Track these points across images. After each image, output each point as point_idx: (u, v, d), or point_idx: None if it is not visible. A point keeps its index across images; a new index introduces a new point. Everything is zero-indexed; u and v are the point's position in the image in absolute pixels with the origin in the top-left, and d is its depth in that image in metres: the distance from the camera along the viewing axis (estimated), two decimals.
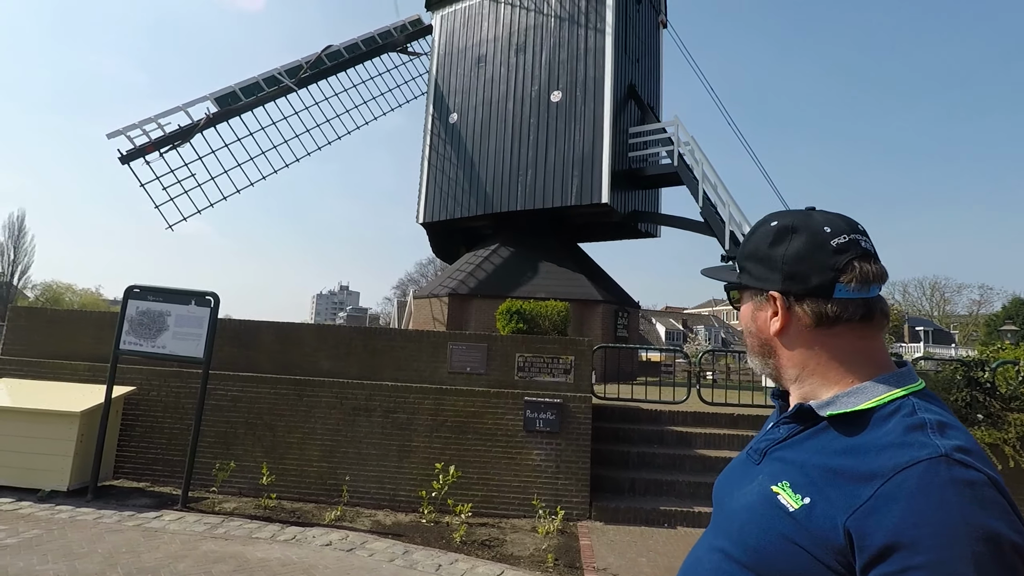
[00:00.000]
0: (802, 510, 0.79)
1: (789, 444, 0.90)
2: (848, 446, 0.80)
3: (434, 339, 6.82)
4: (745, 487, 0.92)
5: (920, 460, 0.73)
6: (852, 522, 0.73)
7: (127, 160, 13.73)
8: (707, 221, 14.77)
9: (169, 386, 6.73)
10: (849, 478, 0.76)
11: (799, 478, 0.82)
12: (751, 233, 0.99)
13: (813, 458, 0.83)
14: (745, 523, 0.86)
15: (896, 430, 0.78)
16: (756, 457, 0.95)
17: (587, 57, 15.38)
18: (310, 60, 17.18)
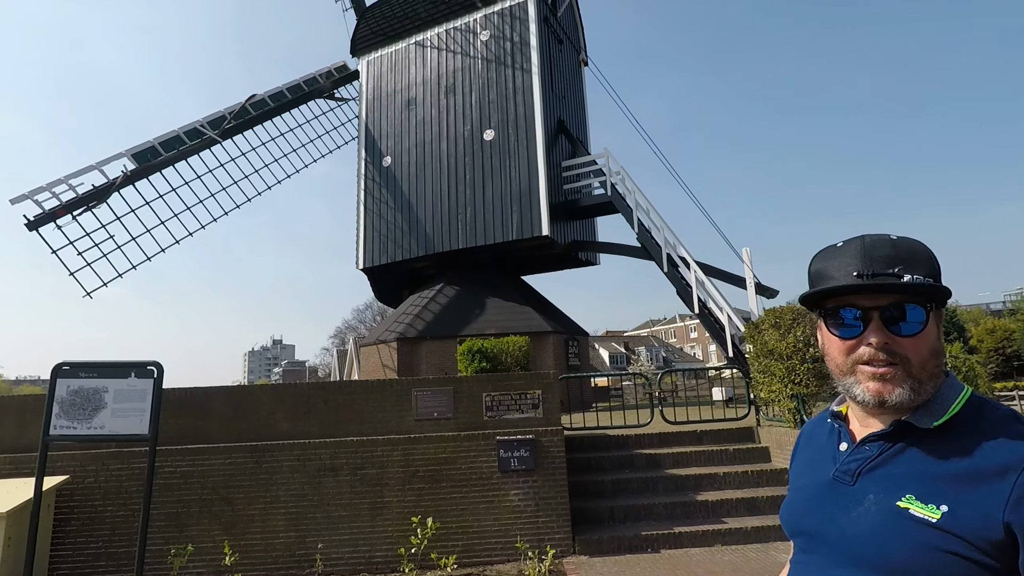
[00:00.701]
0: (944, 518, 0.81)
1: (887, 460, 0.92)
2: (958, 448, 0.85)
3: (397, 387, 6.61)
4: (853, 510, 0.91)
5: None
6: (1008, 515, 0.78)
7: (35, 226, 12.77)
8: (644, 246, 15.29)
9: (108, 470, 6.15)
10: (980, 478, 0.81)
11: (922, 489, 0.85)
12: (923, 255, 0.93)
13: (928, 468, 0.86)
14: (883, 545, 0.85)
15: (996, 426, 0.85)
16: (848, 479, 0.95)
17: (516, 96, 15.81)
18: (234, 110, 16.77)
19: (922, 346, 0.90)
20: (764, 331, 7.10)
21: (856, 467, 0.95)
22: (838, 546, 0.91)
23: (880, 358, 0.91)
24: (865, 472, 0.93)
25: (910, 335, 0.90)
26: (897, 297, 0.91)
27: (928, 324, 0.91)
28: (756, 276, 14.47)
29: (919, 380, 0.90)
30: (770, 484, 6.99)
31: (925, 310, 0.91)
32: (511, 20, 16.32)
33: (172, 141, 15.46)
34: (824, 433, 1.08)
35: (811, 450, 1.10)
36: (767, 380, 7.12)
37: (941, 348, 0.94)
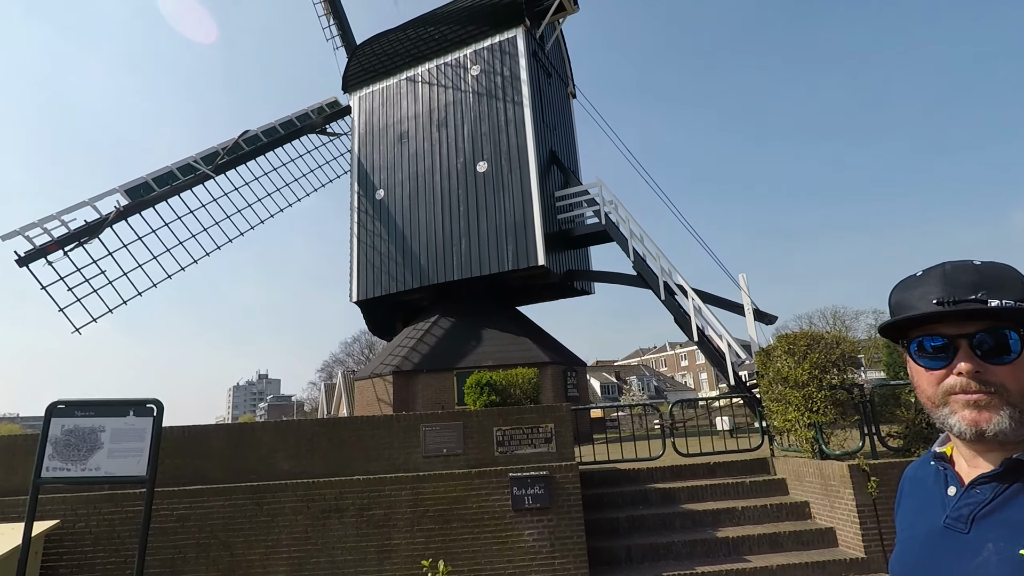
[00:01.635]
0: None
1: (1004, 503, 0.85)
2: None
3: (405, 423, 6.41)
4: (971, 561, 0.83)
5: None
6: None
7: (26, 262, 12.51)
8: (641, 274, 15.30)
9: (100, 514, 5.84)
10: None
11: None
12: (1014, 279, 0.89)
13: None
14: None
15: None
16: (962, 526, 0.87)
17: (508, 128, 15.97)
18: (227, 146, 16.76)
19: (1020, 373, 0.85)
20: (777, 358, 7.02)
21: (969, 512, 0.87)
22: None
23: (972, 387, 0.86)
24: (980, 518, 0.86)
25: (1004, 363, 0.85)
26: (986, 323, 0.86)
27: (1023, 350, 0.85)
28: (754, 302, 14.49)
29: (1021, 409, 0.84)
30: (791, 518, 6.81)
31: (1019, 335, 0.85)
32: (501, 55, 16.60)
33: (165, 176, 15.36)
34: (929, 476, 1.00)
35: (918, 496, 1.01)
36: (781, 408, 7.01)
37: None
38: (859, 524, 6.08)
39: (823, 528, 6.51)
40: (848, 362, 6.50)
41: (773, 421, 7.28)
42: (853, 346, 6.64)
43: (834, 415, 6.54)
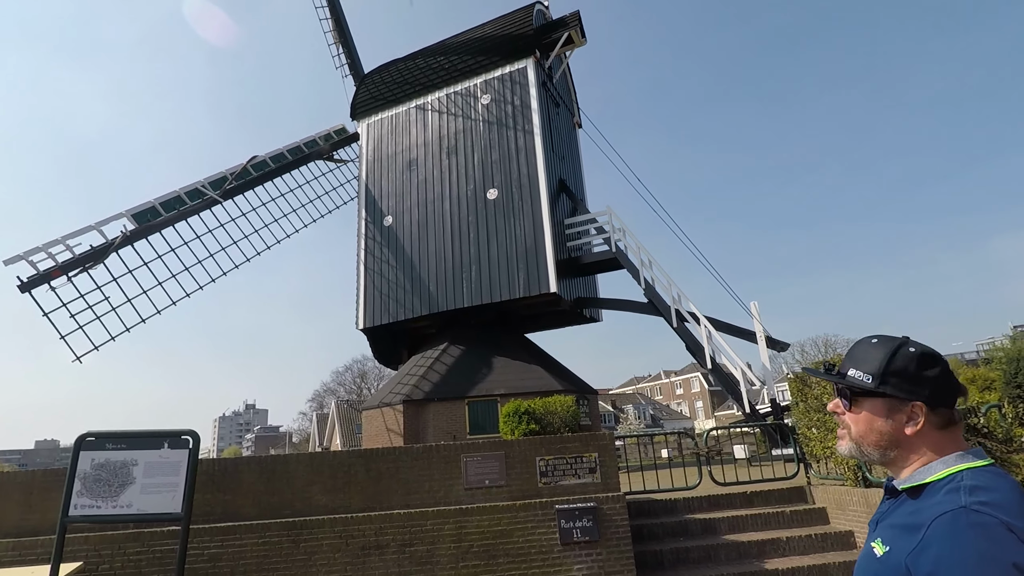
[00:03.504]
0: (884, 555, 1.09)
1: (888, 514, 1.19)
2: (915, 508, 1.10)
3: (445, 453, 6.18)
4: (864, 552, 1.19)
5: (947, 511, 1.01)
6: (909, 560, 1.02)
7: (29, 287, 12.22)
8: (652, 302, 15.25)
9: (126, 554, 5.53)
10: (910, 530, 1.06)
11: (884, 534, 1.13)
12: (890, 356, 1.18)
13: (895, 520, 1.14)
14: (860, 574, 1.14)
15: (940, 495, 1.07)
16: (873, 526, 1.22)
17: (519, 156, 16.04)
18: (235, 171, 16.67)
19: (856, 421, 1.21)
20: (815, 384, 6.90)
21: (878, 517, 1.23)
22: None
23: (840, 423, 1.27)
24: (879, 523, 1.20)
25: (847, 411, 1.24)
26: (842, 385, 1.24)
27: (861, 407, 1.20)
28: (766, 329, 14.45)
29: (859, 444, 1.21)
30: (836, 548, 6.62)
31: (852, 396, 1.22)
32: (511, 84, 16.77)
33: (173, 201, 15.20)
34: None
35: None
36: (821, 435, 6.87)
37: (884, 429, 1.17)
38: None
39: None
40: None
41: (812, 448, 7.13)
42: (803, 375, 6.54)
43: None
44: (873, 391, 1.17)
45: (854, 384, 1.19)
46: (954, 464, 1.11)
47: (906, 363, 1.16)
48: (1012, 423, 6.38)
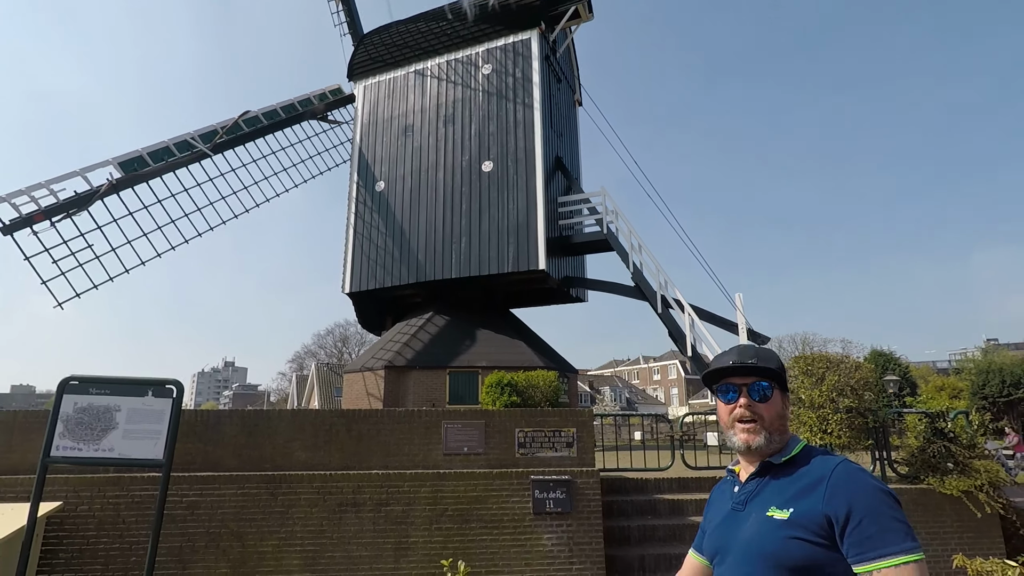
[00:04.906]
0: (791, 516, 1.24)
1: (760, 489, 1.36)
2: (797, 474, 1.32)
3: (426, 419, 6.30)
4: (742, 527, 1.34)
5: (839, 463, 1.29)
6: (826, 508, 1.21)
7: (10, 230, 11.98)
8: (639, 286, 15.39)
9: (105, 497, 5.60)
10: (809, 489, 1.26)
11: (779, 501, 1.29)
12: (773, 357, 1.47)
13: (782, 488, 1.32)
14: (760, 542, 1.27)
15: (818, 457, 1.34)
16: (740, 507, 1.39)
17: (517, 130, 15.92)
18: (226, 125, 16.35)
19: (772, 410, 1.39)
20: (793, 378, 7.09)
21: (744, 498, 1.39)
22: (738, 552, 1.31)
23: (746, 416, 1.39)
24: (750, 500, 1.37)
25: (764, 402, 1.39)
26: (754, 379, 1.40)
27: (774, 396, 1.40)
28: (748, 322, 14.70)
29: (770, 432, 1.38)
30: None
31: (772, 387, 1.40)
32: (514, 56, 16.55)
33: (161, 152, 14.89)
34: (726, 485, 1.54)
35: (715, 504, 1.53)
36: (792, 428, 7.08)
37: (784, 413, 1.42)
38: None
39: None
40: (865, 387, 6.61)
41: None
42: (871, 372, 6.75)
43: (848, 438, 6.64)
44: (782, 383, 1.43)
45: (781, 378, 1.42)
46: (797, 442, 1.41)
47: (779, 362, 1.46)
48: (977, 430, 6.63)
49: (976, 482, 6.10)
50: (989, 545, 6.19)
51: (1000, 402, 17.40)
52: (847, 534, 1.17)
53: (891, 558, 1.12)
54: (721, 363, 1.48)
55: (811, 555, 1.19)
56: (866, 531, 1.15)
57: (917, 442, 6.49)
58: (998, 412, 16.19)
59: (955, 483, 6.15)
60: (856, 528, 1.16)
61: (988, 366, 19.78)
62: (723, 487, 1.55)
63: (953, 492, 6.13)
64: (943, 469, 6.34)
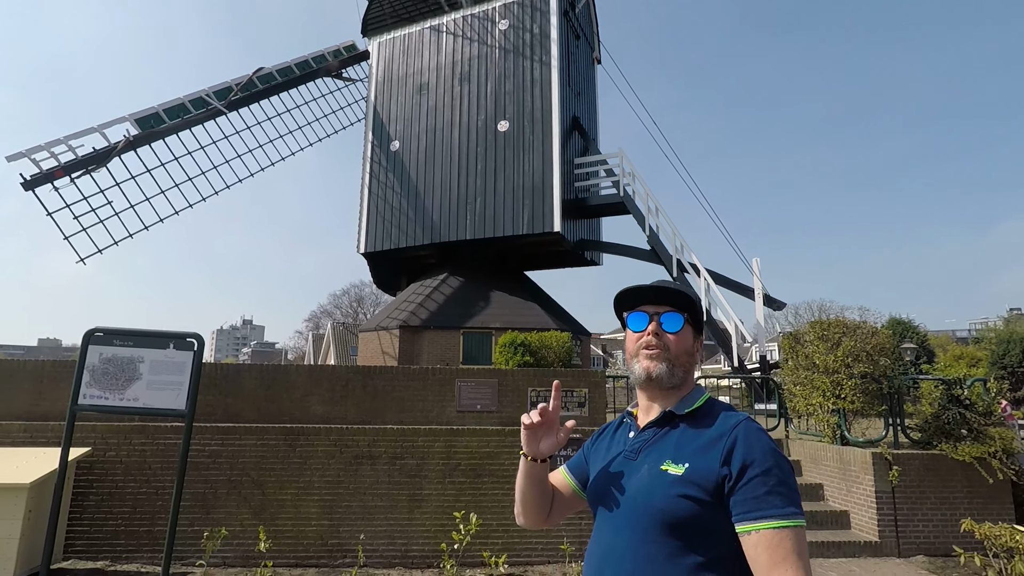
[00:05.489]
0: (686, 472, 1.20)
1: (658, 440, 1.30)
2: (699, 427, 1.27)
3: (440, 376, 6.39)
4: (633, 478, 1.27)
5: (741, 420, 1.25)
6: (721, 466, 1.18)
7: (32, 186, 12.14)
8: (654, 249, 15.26)
9: (131, 444, 5.80)
10: (710, 444, 1.22)
11: (675, 455, 1.24)
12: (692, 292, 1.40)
13: (680, 442, 1.26)
14: (651, 495, 1.21)
15: (721, 413, 1.29)
16: (633, 456, 1.32)
17: (534, 88, 15.59)
18: (241, 82, 16.21)
19: (679, 342, 1.34)
20: (807, 343, 7.06)
21: (639, 447, 1.32)
22: (625, 504, 1.25)
23: (652, 344, 1.33)
24: (644, 450, 1.31)
25: (673, 333, 1.34)
26: (667, 309, 1.35)
27: (683, 329, 1.34)
28: (765, 287, 14.56)
29: (673, 364, 1.32)
30: (805, 499, 6.95)
31: (685, 320, 1.35)
32: (531, 11, 16.08)
33: (176, 109, 14.86)
34: (614, 428, 1.48)
35: (605, 441, 1.47)
36: (805, 392, 7.09)
37: (693, 351, 1.37)
38: (876, 510, 6.23)
39: (837, 511, 6.67)
40: (881, 353, 6.55)
41: (796, 404, 7.37)
42: (888, 338, 6.69)
43: (861, 404, 6.63)
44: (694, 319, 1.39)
45: (695, 309, 1.38)
46: (702, 393, 1.36)
47: (693, 298, 1.40)
48: (994, 398, 6.57)
49: (990, 449, 6.09)
50: (999, 511, 6.21)
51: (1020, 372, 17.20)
52: (736, 491, 1.14)
53: (772, 520, 1.10)
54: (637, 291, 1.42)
55: (698, 514, 1.16)
56: (755, 491, 1.13)
57: (932, 409, 6.46)
58: (1016, 382, 16.01)
59: (968, 449, 6.14)
60: (745, 487, 1.14)
61: (1010, 336, 19.48)
62: (609, 428, 1.50)
63: (965, 458, 6.13)
64: (957, 435, 6.32)
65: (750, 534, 1.12)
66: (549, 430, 1.42)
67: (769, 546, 1.09)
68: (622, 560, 1.20)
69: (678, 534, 1.16)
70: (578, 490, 1.51)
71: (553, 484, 1.54)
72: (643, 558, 1.18)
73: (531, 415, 1.39)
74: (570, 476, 1.53)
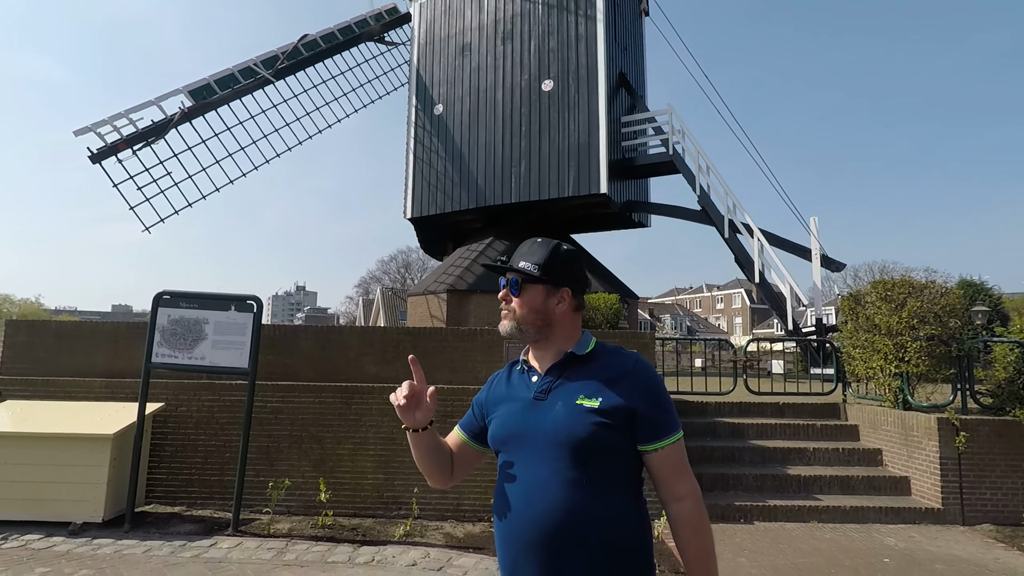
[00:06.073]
0: (600, 404, 1.35)
1: (565, 379, 1.43)
2: (601, 366, 1.43)
3: (488, 337, 6.47)
4: (548, 416, 1.38)
5: (637, 359, 1.45)
6: (628, 400, 1.35)
7: (98, 159, 12.72)
8: (705, 210, 14.81)
9: (200, 400, 6.15)
10: (614, 380, 1.38)
11: (587, 391, 1.38)
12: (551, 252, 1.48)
13: (587, 379, 1.41)
14: (572, 427, 1.34)
15: (615, 354, 1.47)
16: (542, 396, 1.42)
17: (578, 45, 15.12)
18: (286, 50, 16.37)
19: (524, 305, 1.45)
20: (869, 304, 6.76)
21: (547, 387, 1.43)
22: (543, 439, 1.35)
23: (503, 307, 1.49)
24: (552, 390, 1.42)
25: (515, 296, 1.46)
26: (512, 275, 1.46)
27: (525, 291, 1.45)
28: (823, 248, 13.97)
29: (520, 323, 1.45)
30: (862, 463, 6.78)
31: (519, 282, 1.45)
32: None
33: (227, 79, 15.16)
34: (505, 376, 1.58)
35: (501, 389, 1.56)
36: (865, 356, 6.82)
37: (544, 308, 1.45)
38: (939, 476, 6.01)
39: (897, 476, 6.47)
40: (951, 314, 6.21)
41: (855, 368, 7.11)
42: (959, 299, 6.31)
43: (926, 367, 6.33)
44: (537, 278, 1.44)
45: (524, 272, 1.45)
46: (590, 338, 1.51)
47: (560, 258, 1.48)
48: None
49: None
50: None
51: None
52: (644, 422, 1.35)
53: (670, 437, 1.36)
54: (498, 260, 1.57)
55: (613, 438, 1.33)
56: (658, 418, 1.36)
57: (1006, 373, 6.11)
58: None
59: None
60: (650, 416, 1.35)
61: None
62: (501, 375, 1.60)
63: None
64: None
65: (657, 451, 1.36)
66: (419, 402, 1.49)
67: (671, 457, 1.37)
68: (547, 488, 1.32)
69: (594, 459, 1.32)
70: (474, 446, 1.64)
71: (450, 446, 1.66)
72: (568, 483, 1.31)
73: (397, 395, 1.48)
74: (464, 435, 1.66)
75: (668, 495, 1.38)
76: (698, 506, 1.37)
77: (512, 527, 1.36)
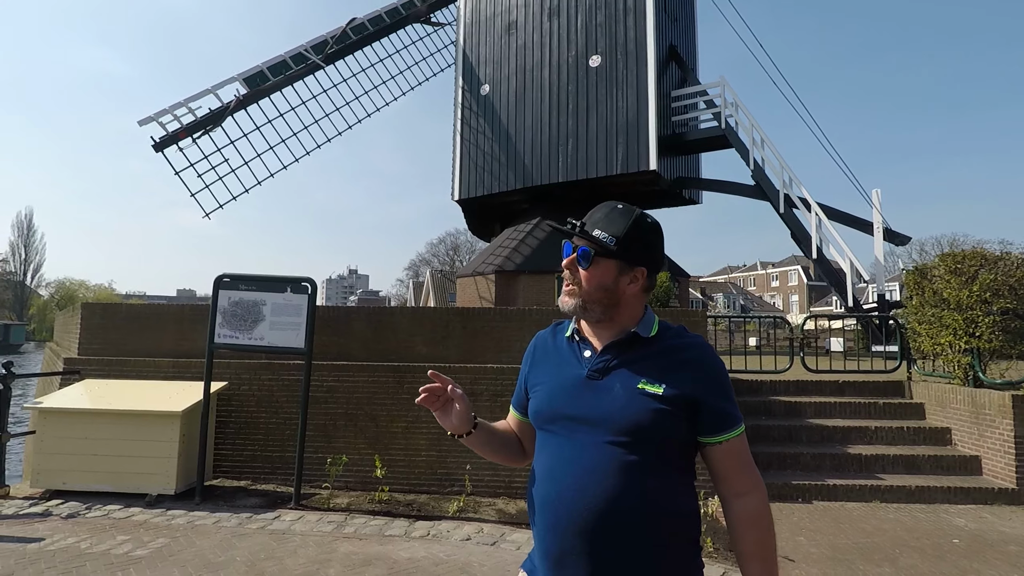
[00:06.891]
0: (664, 391, 1.26)
1: (626, 361, 1.32)
2: (665, 349, 1.33)
3: (536, 317, 6.47)
4: (605, 397, 1.29)
5: (700, 345, 1.34)
6: (693, 388, 1.27)
7: (161, 147, 13.31)
8: (759, 185, 14.26)
9: (260, 379, 6.43)
10: (678, 366, 1.29)
11: (650, 376, 1.28)
12: (632, 224, 1.31)
13: (651, 363, 1.30)
14: (632, 413, 1.25)
15: (679, 336, 1.36)
16: (597, 376, 1.32)
17: (627, 18, 14.69)
18: (335, 35, 16.57)
19: (592, 280, 1.31)
20: (936, 278, 6.37)
21: (604, 366, 1.33)
22: (600, 423, 1.27)
23: (566, 277, 1.37)
24: (611, 370, 1.32)
25: (584, 269, 1.32)
26: (584, 243, 1.33)
27: (596, 265, 1.31)
28: (886, 221, 13.23)
29: (585, 302, 1.32)
30: (928, 443, 6.47)
31: (592, 254, 1.31)
32: None
33: (279, 66, 15.52)
34: (557, 345, 1.46)
35: (554, 358, 1.43)
36: (932, 332, 6.45)
37: (615, 288, 1.32)
38: (1014, 455, 5.69)
39: (967, 456, 6.15)
40: None
41: (921, 344, 6.75)
42: None
43: (1000, 343, 5.94)
44: (613, 252, 1.29)
45: (599, 243, 1.30)
46: (654, 318, 1.39)
47: (642, 232, 1.32)
48: None
49: None
50: None
51: None
52: (708, 413, 1.27)
53: (734, 430, 1.29)
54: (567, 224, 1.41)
55: (675, 427, 1.26)
56: (722, 410, 1.28)
57: None
58: None
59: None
60: (714, 407, 1.27)
61: None
62: (551, 343, 1.48)
63: None
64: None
65: (720, 444, 1.28)
66: (448, 410, 1.48)
67: (734, 451, 1.29)
68: (605, 475, 1.24)
69: (654, 448, 1.25)
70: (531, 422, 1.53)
71: (511, 426, 1.60)
72: (625, 470, 1.24)
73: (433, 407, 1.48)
74: (519, 414, 1.57)
75: (728, 490, 1.30)
76: (762, 502, 1.29)
77: (561, 514, 1.27)
